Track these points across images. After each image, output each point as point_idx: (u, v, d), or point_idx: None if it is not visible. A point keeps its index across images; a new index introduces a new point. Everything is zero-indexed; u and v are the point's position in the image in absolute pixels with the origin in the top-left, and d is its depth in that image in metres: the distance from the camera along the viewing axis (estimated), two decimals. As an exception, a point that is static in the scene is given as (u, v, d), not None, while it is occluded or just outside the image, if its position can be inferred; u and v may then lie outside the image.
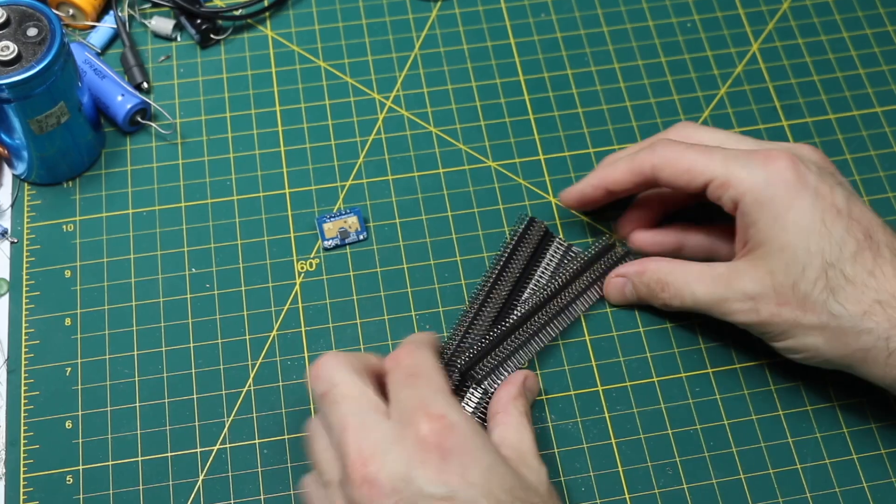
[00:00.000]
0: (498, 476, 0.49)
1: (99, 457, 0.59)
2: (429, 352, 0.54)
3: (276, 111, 0.70)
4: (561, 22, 0.75)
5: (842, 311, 0.54)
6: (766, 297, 0.56)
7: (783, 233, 0.55)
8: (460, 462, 0.48)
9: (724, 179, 0.57)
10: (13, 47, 0.59)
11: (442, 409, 0.50)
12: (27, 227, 0.66)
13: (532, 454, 0.54)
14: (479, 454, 0.49)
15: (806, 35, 0.74)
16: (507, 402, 0.57)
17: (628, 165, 0.61)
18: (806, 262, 0.55)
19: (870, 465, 0.59)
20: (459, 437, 0.49)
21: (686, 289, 0.59)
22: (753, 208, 0.56)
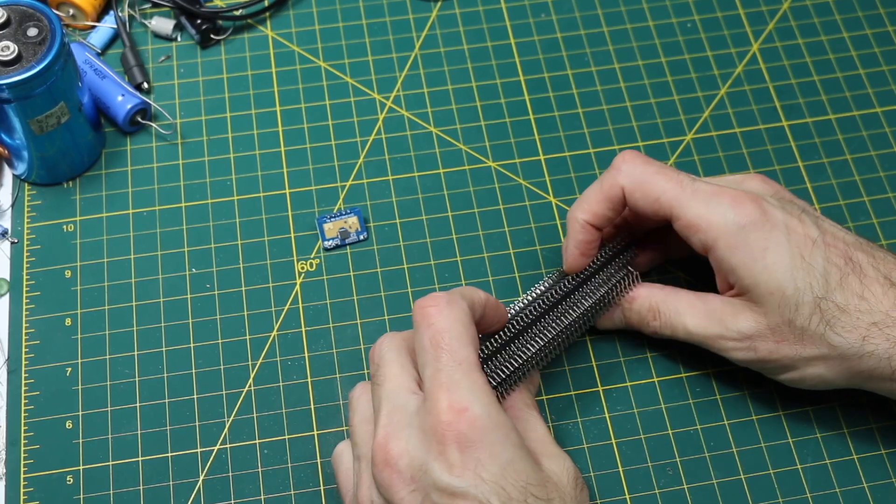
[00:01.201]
0: (514, 472, 0.48)
1: (99, 457, 0.59)
2: (461, 312, 0.51)
3: (276, 111, 0.70)
4: (561, 22, 0.75)
5: (841, 341, 0.54)
6: (762, 337, 0.55)
7: (767, 276, 0.54)
8: (476, 456, 0.47)
9: (694, 221, 0.56)
10: (13, 47, 0.59)
11: (463, 397, 0.48)
12: (27, 227, 0.66)
13: (553, 444, 0.53)
14: (498, 448, 0.48)
15: (806, 35, 0.74)
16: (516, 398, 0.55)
17: (598, 192, 0.58)
18: (798, 300, 0.54)
19: (870, 465, 0.59)
20: (478, 429, 0.48)
21: (678, 320, 0.58)
22: (728, 254, 0.55)
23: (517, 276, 0.64)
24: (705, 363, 0.62)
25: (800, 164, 0.69)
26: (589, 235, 0.59)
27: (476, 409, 0.48)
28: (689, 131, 0.70)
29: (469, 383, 0.49)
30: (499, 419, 0.49)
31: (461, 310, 0.51)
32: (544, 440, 0.53)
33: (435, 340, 0.50)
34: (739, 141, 0.70)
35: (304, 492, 0.58)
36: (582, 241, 0.59)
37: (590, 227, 0.59)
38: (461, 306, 0.51)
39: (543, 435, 0.53)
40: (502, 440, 0.48)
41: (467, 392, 0.48)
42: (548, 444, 0.53)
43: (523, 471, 0.48)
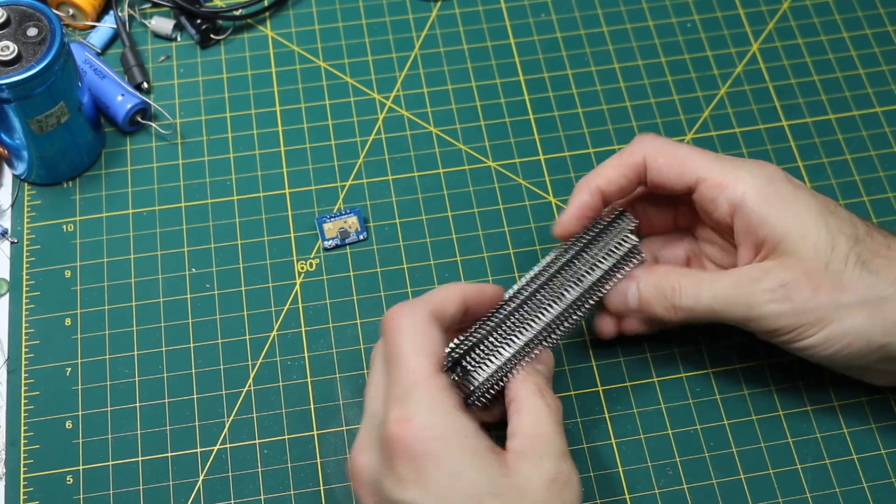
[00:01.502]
0: (462, 483, 0.47)
1: (99, 457, 0.59)
2: (419, 321, 0.50)
3: (276, 111, 0.70)
4: (561, 22, 0.75)
5: (877, 281, 0.53)
6: (798, 283, 0.53)
7: (800, 219, 0.54)
8: (422, 468, 0.47)
9: (721, 179, 0.55)
10: (13, 47, 0.59)
11: (410, 409, 0.48)
12: (27, 227, 0.66)
13: (547, 440, 0.50)
14: (445, 459, 0.47)
15: (806, 35, 0.74)
16: (519, 386, 0.53)
17: (618, 158, 0.58)
18: (833, 242, 0.53)
19: (870, 465, 0.59)
20: (422, 440, 0.47)
21: (704, 287, 0.55)
22: (760, 205, 0.55)
23: (517, 276, 0.64)
24: (705, 363, 0.62)
25: (799, 164, 0.69)
26: (593, 199, 0.58)
27: (422, 419, 0.48)
28: (688, 131, 0.70)
29: (418, 394, 0.48)
30: (447, 428, 0.48)
31: (419, 319, 0.51)
32: (534, 435, 0.50)
33: (391, 353, 0.50)
34: (739, 141, 0.70)
35: (303, 492, 0.58)
36: (584, 202, 0.58)
37: (599, 192, 0.58)
38: (419, 315, 0.51)
39: (546, 431, 0.51)
40: (450, 449, 0.47)
41: (415, 403, 0.48)
42: (536, 441, 0.50)
43: (474, 480, 0.47)
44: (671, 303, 0.56)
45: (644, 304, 0.57)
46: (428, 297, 0.52)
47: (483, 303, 0.54)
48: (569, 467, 0.50)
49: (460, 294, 0.53)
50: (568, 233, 0.58)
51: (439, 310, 0.52)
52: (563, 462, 0.50)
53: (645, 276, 0.57)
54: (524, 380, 0.53)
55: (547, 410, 0.51)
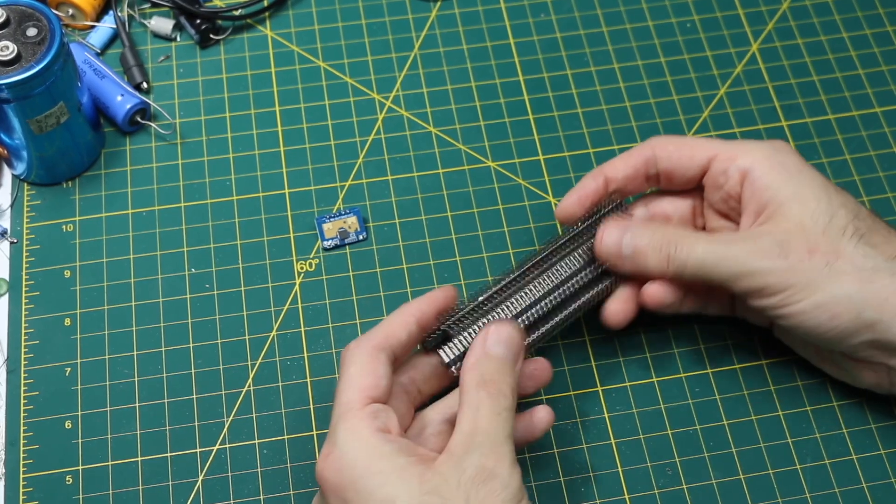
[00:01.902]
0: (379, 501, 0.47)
1: (98, 457, 0.59)
2: (357, 358, 0.52)
3: (275, 111, 0.70)
4: (560, 22, 0.75)
5: (874, 254, 0.53)
6: (794, 243, 0.54)
7: (803, 187, 0.55)
8: (343, 497, 0.48)
9: (731, 152, 0.57)
10: (13, 47, 0.59)
11: (331, 441, 0.49)
12: (27, 227, 0.66)
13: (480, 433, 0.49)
14: (361, 483, 0.48)
15: (805, 35, 0.74)
16: (464, 378, 0.51)
17: (627, 152, 0.60)
18: (833, 212, 0.54)
19: (869, 465, 0.59)
20: (339, 470, 0.48)
21: (700, 241, 0.55)
22: (766, 171, 0.56)
23: (516, 276, 0.64)
24: (704, 363, 0.62)
25: (799, 164, 0.69)
26: (596, 183, 0.59)
27: (338, 450, 0.49)
28: (688, 131, 0.70)
29: (340, 426, 0.50)
30: (362, 452, 0.48)
31: (362, 352, 0.52)
32: (469, 431, 0.49)
33: (336, 388, 0.52)
34: (739, 141, 0.70)
35: (303, 492, 0.58)
36: (586, 186, 0.59)
37: (603, 177, 0.59)
38: (362, 349, 0.52)
39: (471, 424, 0.49)
40: (366, 473, 0.48)
41: (336, 436, 0.49)
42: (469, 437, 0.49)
43: (388, 496, 0.47)
44: (666, 253, 0.56)
45: (638, 253, 0.56)
46: (377, 330, 0.53)
47: (439, 308, 0.55)
48: (496, 462, 0.48)
49: (410, 315, 0.54)
50: (567, 214, 0.59)
51: (387, 339, 0.52)
52: (490, 455, 0.48)
53: (641, 226, 0.57)
54: (470, 370, 0.51)
55: (488, 402, 0.50)
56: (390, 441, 0.49)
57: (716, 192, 0.59)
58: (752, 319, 0.61)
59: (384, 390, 0.51)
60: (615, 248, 0.57)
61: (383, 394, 0.51)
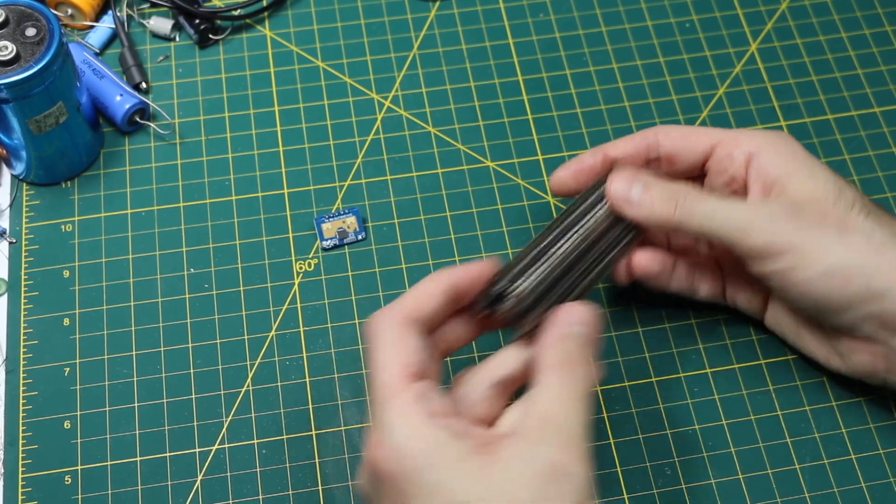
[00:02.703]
0: (442, 497, 0.45)
1: (97, 457, 0.59)
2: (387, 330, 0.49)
3: (274, 111, 0.70)
4: (559, 22, 0.75)
5: (882, 228, 0.54)
6: (807, 209, 0.54)
7: (811, 167, 0.56)
8: (401, 490, 0.46)
9: (735, 139, 0.58)
10: (12, 47, 0.59)
11: (382, 429, 0.47)
12: (26, 227, 0.66)
13: (554, 422, 0.46)
14: (420, 475, 0.45)
15: (804, 35, 0.74)
16: (546, 352, 0.49)
17: (631, 136, 0.60)
18: (840, 190, 0.55)
19: (868, 465, 0.59)
20: (396, 462, 0.46)
21: (710, 197, 0.55)
22: (773, 154, 0.57)
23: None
24: (703, 363, 0.62)
25: (798, 164, 0.69)
26: (594, 159, 0.59)
27: (392, 440, 0.46)
28: (687, 131, 0.70)
29: (388, 413, 0.47)
30: (419, 442, 0.46)
31: (391, 327, 0.49)
32: (542, 416, 0.46)
33: (370, 367, 0.49)
34: (738, 141, 0.70)
35: (302, 492, 0.58)
36: (585, 161, 0.59)
37: (602, 154, 0.59)
38: (391, 323, 0.49)
39: (546, 408, 0.47)
40: (425, 464, 0.45)
41: (386, 423, 0.47)
42: (542, 423, 0.46)
43: (451, 492, 0.45)
44: (674, 200, 0.55)
45: (645, 198, 0.55)
46: (405, 300, 0.50)
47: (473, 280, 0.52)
48: (571, 457, 0.45)
49: (442, 286, 0.51)
50: (560, 184, 0.59)
51: (416, 311, 0.50)
52: (565, 451, 0.45)
53: (653, 178, 0.56)
54: (552, 346, 0.49)
55: (568, 384, 0.47)
56: (444, 427, 0.46)
57: (719, 176, 0.59)
58: (742, 306, 0.60)
59: (423, 365, 0.48)
60: (624, 192, 0.56)
61: (423, 368, 0.48)
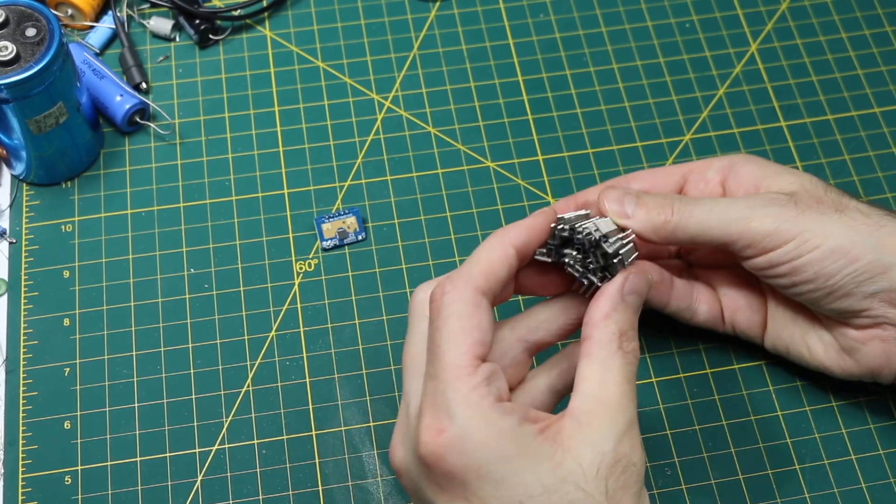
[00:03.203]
0: (507, 489, 0.43)
1: (98, 457, 0.59)
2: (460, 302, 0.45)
3: (274, 111, 0.70)
4: (559, 22, 0.75)
5: (874, 213, 0.53)
6: (802, 194, 0.54)
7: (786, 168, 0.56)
8: (460, 481, 0.43)
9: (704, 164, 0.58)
10: (12, 47, 0.59)
11: (443, 415, 0.44)
12: (26, 227, 0.66)
13: (611, 407, 0.44)
14: (484, 468, 0.43)
15: (804, 36, 0.74)
16: (597, 323, 0.46)
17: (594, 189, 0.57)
18: (824, 182, 0.55)
19: (868, 465, 0.59)
20: (458, 452, 0.43)
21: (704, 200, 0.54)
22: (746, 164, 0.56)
23: (516, 276, 0.64)
24: (703, 364, 0.62)
25: (798, 165, 0.69)
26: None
27: (455, 430, 0.44)
28: (687, 132, 0.70)
29: (451, 398, 0.44)
30: (483, 434, 0.43)
31: (465, 299, 0.46)
32: (599, 398, 0.45)
33: (432, 339, 0.46)
34: (738, 141, 0.70)
35: (302, 492, 0.58)
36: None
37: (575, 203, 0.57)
38: (466, 295, 0.46)
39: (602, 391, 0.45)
40: (489, 457, 0.43)
41: (448, 409, 0.44)
42: (600, 407, 0.45)
43: (519, 484, 0.43)
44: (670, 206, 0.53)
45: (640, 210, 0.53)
46: (475, 269, 0.46)
47: (539, 237, 0.48)
48: (630, 446, 0.44)
49: (509, 250, 0.47)
50: None
51: (489, 281, 0.46)
52: (625, 439, 0.44)
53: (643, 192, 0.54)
54: (605, 318, 0.46)
55: (621, 365, 0.45)
56: (510, 412, 0.44)
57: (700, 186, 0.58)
58: (741, 327, 0.59)
59: (489, 345, 0.46)
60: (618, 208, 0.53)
61: (489, 349, 0.46)
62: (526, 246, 0.48)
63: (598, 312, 0.47)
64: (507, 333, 0.49)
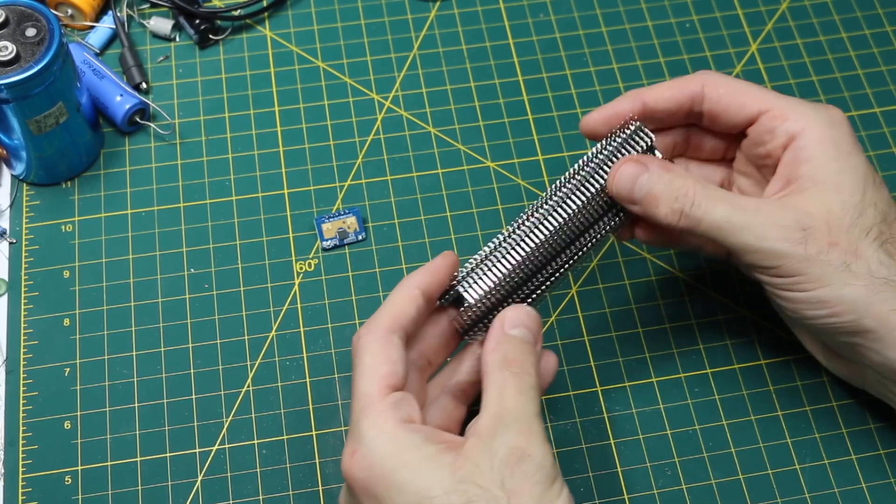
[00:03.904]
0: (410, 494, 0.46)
1: (98, 457, 0.59)
2: (370, 344, 0.50)
3: (274, 111, 0.70)
4: (560, 22, 0.75)
5: (891, 263, 0.52)
6: (818, 232, 0.51)
7: (843, 174, 0.53)
8: (373, 493, 0.47)
9: (784, 111, 0.54)
10: (12, 47, 0.59)
11: (355, 438, 0.48)
12: (26, 227, 0.66)
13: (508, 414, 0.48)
14: (390, 477, 0.47)
15: (804, 35, 0.74)
16: (487, 358, 0.50)
17: (674, 82, 0.56)
18: (862, 209, 0.52)
19: (868, 465, 0.59)
20: (368, 468, 0.47)
21: (720, 201, 0.52)
22: (814, 144, 0.53)
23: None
24: (704, 364, 0.62)
25: (798, 165, 0.69)
26: (632, 107, 0.55)
27: (365, 447, 0.47)
28: (687, 131, 0.70)
29: (363, 422, 0.48)
30: (389, 447, 0.47)
31: (376, 338, 0.50)
32: (495, 412, 0.48)
33: (352, 380, 0.50)
34: (738, 141, 0.70)
35: (302, 492, 0.58)
36: (621, 105, 0.55)
37: (641, 103, 0.56)
38: (375, 334, 0.50)
39: (498, 405, 0.48)
40: (395, 467, 0.47)
41: (359, 431, 0.48)
42: (496, 418, 0.48)
43: (422, 487, 0.46)
44: (680, 207, 0.53)
45: (649, 199, 0.53)
46: (383, 313, 0.51)
47: (441, 278, 0.52)
48: (527, 440, 0.47)
49: (415, 289, 0.52)
50: (590, 129, 0.56)
51: (398, 320, 0.51)
52: (521, 435, 0.47)
53: (660, 169, 0.53)
54: (493, 350, 0.50)
55: (512, 382, 0.49)
56: (415, 431, 0.48)
57: (756, 146, 0.56)
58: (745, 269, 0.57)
59: (401, 376, 0.50)
60: (627, 189, 0.53)
61: (401, 380, 0.50)
62: (429, 286, 0.52)
63: (487, 348, 0.51)
64: (431, 388, 0.54)
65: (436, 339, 0.54)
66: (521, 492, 0.46)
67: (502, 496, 0.46)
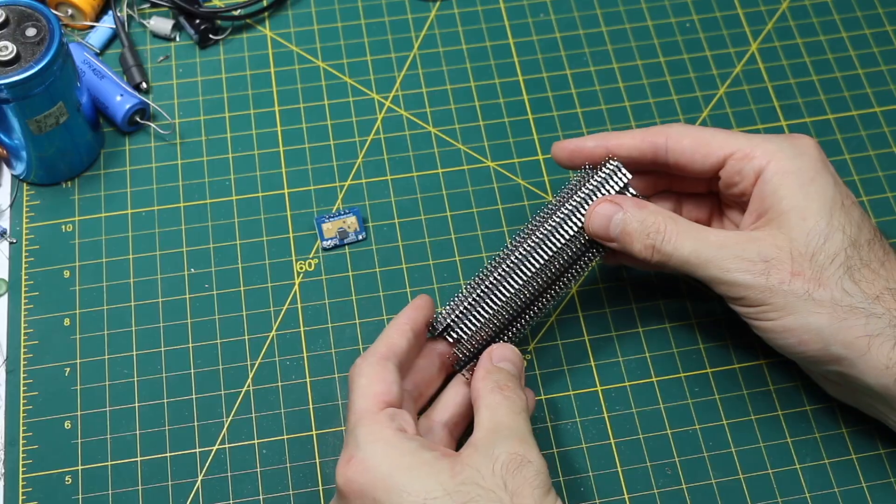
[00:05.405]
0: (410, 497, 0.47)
1: (98, 457, 0.59)
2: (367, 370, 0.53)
3: (274, 111, 0.70)
4: (560, 22, 0.75)
5: (855, 291, 0.52)
6: (780, 263, 0.53)
7: (808, 201, 0.54)
8: (373, 500, 0.48)
9: (748, 151, 0.56)
10: (12, 47, 0.59)
11: (351, 446, 0.50)
12: (26, 227, 0.66)
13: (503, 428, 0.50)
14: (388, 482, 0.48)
15: (805, 35, 0.74)
16: (479, 385, 0.53)
17: (638, 133, 0.58)
18: (827, 235, 0.53)
19: (869, 465, 0.59)
20: (364, 473, 0.49)
21: (688, 237, 0.55)
22: (778, 176, 0.55)
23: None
24: (704, 363, 0.62)
25: (798, 164, 0.69)
26: (595, 148, 0.58)
27: (361, 454, 0.49)
28: (687, 131, 0.70)
29: (358, 431, 0.50)
30: (386, 453, 0.49)
31: (370, 364, 0.53)
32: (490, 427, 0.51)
33: (349, 403, 0.53)
34: (738, 141, 0.70)
35: (302, 492, 0.58)
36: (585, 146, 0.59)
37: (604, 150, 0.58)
38: (370, 361, 0.53)
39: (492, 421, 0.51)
40: (392, 472, 0.48)
41: (355, 440, 0.50)
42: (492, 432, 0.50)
43: (420, 489, 0.48)
44: (652, 243, 0.55)
45: (624, 236, 0.56)
46: (379, 343, 0.54)
47: (425, 314, 0.57)
48: (526, 449, 0.49)
49: (405, 324, 0.55)
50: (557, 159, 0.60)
51: (391, 348, 0.54)
52: (520, 445, 0.49)
53: (633, 208, 0.56)
54: (484, 378, 0.53)
55: (505, 403, 0.52)
56: (412, 438, 0.50)
57: (729, 188, 0.58)
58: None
59: (396, 396, 0.52)
60: (603, 228, 0.56)
61: (396, 399, 0.52)
62: (416, 321, 0.56)
63: (477, 376, 0.54)
64: (423, 421, 0.56)
65: (426, 371, 0.57)
66: (523, 494, 0.48)
67: (506, 497, 0.47)
